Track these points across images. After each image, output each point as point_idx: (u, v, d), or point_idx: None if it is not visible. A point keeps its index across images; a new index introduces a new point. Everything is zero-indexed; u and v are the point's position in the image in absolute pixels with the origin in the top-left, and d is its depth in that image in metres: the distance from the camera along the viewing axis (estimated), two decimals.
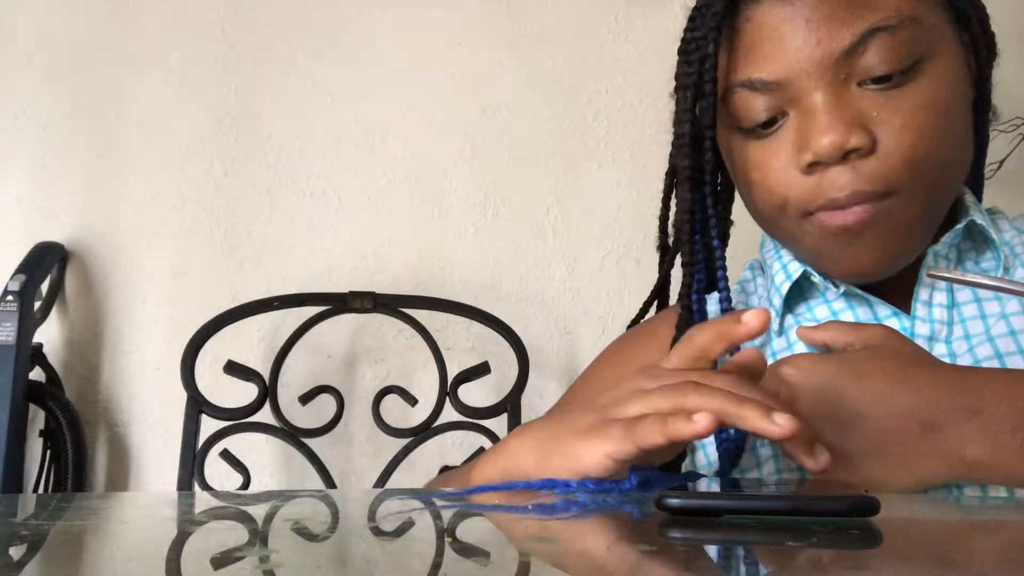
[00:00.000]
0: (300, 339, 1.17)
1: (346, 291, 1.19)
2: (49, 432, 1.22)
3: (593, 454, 0.45)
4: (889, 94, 0.55)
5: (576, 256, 1.33)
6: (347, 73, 1.35)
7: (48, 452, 1.22)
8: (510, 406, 1.15)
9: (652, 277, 0.77)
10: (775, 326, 0.65)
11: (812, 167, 0.56)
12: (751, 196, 0.62)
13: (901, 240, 0.58)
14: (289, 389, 1.17)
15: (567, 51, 1.36)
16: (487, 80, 1.35)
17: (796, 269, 0.65)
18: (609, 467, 0.45)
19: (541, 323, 1.31)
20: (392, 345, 1.29)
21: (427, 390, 1.19)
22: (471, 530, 0.37)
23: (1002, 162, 1.27)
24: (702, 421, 0.42)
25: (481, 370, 1.18)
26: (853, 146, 0.54)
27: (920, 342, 0.59)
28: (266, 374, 1.14)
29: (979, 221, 0.62)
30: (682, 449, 0.52)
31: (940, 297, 0.61)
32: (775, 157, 0.58)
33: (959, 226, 0.61)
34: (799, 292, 0.66)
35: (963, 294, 0.61)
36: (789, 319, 0.66)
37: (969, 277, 0.49)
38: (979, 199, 0.69)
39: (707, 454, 0.65)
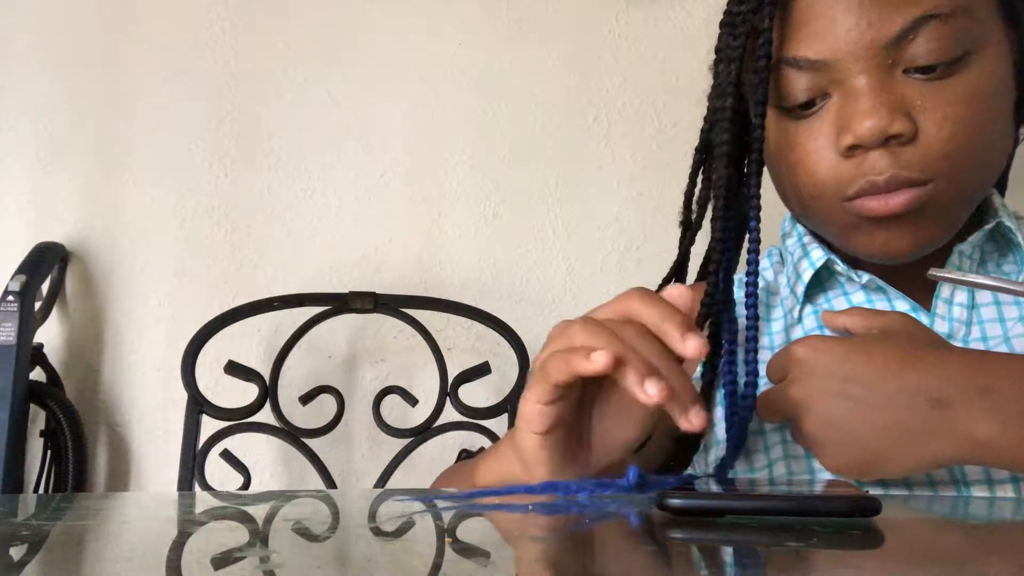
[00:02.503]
0: (300, 339, 1.17)
1: (346, 291, 1.19)
2: (50, 432, 1.22)
3: (526, 407, 0.46)
4: (934, 84, 0.55)
5: (576, 256, 1.33)
6: (347, 73, 1.35)
7: (49, 452, 1.22)
8: (510, 406, 1.15)
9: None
10: (795, 314, 0.66)
11: (852, 150, 0.56)
12: (789, 176, 0.61)
13: (935, 227, 0.58)
14: (289, 389, 1.17)
15: (567, 51, 1.36)
16: (487, 80, 1.35)
17: (819, 257, 0.64)
18: (543, 412, 0.46)
19: (541, 323, 1.30)
20: (392, 345, 1.29)
21: (428, 390, 1.19)
22: (471, 530, 0.37)
23: None
24: (599, 359, 0.43)
25: (481, 370, 1.18)
26: (895, 132, 0.54)
27: None
28: (266, 374, 1.14)
29: (1007, 223, 0.62)
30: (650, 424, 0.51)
31: (961, 296, 0.61)
32: (814, 139, 0.58)
33: (987, 227, 0.61)
34: (819, 283, 0.66)
35: (983, 295, 0.61)
36: (808, 308, 0.66)
37: (970, 277, 0.49)
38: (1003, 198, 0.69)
39: (717, 438, 0.65)
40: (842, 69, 0.56)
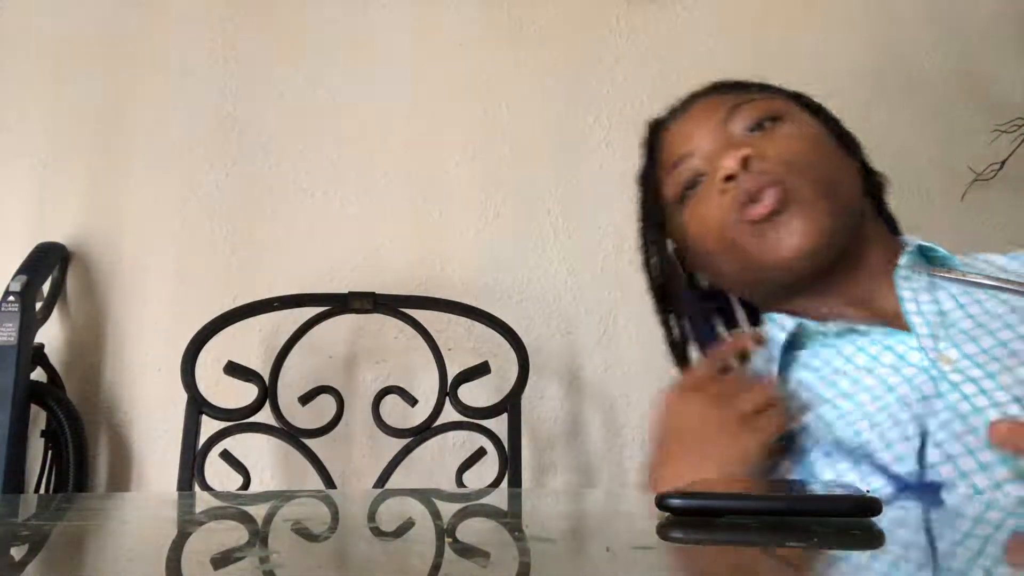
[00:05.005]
0: (300, 340, 1.17)
1: (346, 291, 1.19)
2: (50, 432, 1.22)
3: (753, 443, 0.62)
4: (762, 132, 0.75)
5: (577, 256, 1.33)
6: (348, 73, 1.35)
7: (49, 452, 1.22)
8: (510, 406, 1.15)
9: None
10: (775, 371, 0.75)
11: (727, 181, 0.72)
12: (711, 243, 0.76)
13: (809, 220, 0.70)
14: (289, 389, 1.17)
15: (567, 51, 1.36)
16: (487, 80, 1.35)
17: (790, 324, 0.75)
18: (766, 452, 0.62)
19: (541, 323, 1.30)
20: (392, 345, 1.29)
21: (427, 390, 1.19)
22: (471, 530, 0.37)
23: (1004, 162, 1.27)
24: None
25: (481, 370, 1.18)
26: (744, 155, 0.72)
27: (927, 343, 0.64)
28: (266, 375, 1.14)
29: (926, 244, 0.74)
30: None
31: (926, 303, 0.67)
32: (705, 203, 0.75)
33: (910, 249, 0.72)
34: (793, 347, 0.76)
35: (947, 302, 0.67)
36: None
37: (969, 277, 0.49)
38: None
39: None
40: (704, 153, 0.77)
